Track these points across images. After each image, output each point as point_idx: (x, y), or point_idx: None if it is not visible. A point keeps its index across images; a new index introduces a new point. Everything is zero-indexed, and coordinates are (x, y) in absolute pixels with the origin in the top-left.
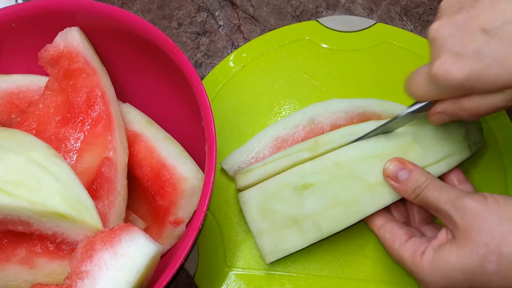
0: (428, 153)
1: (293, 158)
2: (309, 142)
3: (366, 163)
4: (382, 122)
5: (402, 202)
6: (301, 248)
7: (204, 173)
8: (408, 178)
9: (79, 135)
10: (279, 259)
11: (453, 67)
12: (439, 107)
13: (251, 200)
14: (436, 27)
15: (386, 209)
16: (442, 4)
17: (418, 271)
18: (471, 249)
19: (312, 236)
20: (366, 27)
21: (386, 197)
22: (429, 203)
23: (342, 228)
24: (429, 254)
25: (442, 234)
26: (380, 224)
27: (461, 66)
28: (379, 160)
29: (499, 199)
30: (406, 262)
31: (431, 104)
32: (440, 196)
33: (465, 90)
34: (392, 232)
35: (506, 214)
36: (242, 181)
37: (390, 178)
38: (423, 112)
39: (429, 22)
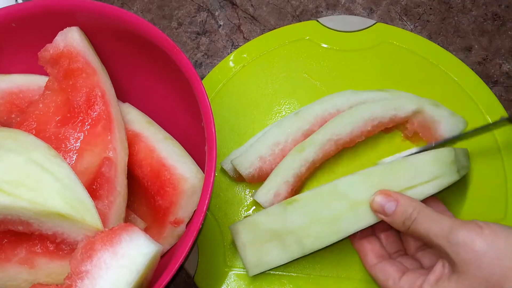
0: (417, 173)
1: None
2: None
3: (351, 180)
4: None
5: (393, 231)
6: (284, 263)
7: (204, 173)
8: (395, 211)
9: (79, 135)
10: (262, 272)
11: None
12: None
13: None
14: None
15: (377, 239)
16: None
17: None
18: (471, 283)
19: (294, 252)
20: (366, 27)
21: (369, 216)
22: (421, 236)
23: (324, 246)
24: None
25: (439, 268)
26: (372, 263)
27: None
28: (364, 178)
29: (495, 230)
30: None
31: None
32: (431, 229)
33: None
34: (384, 271)
35: (506, 248)
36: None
37: (377, 212)
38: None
39: (429, 22)
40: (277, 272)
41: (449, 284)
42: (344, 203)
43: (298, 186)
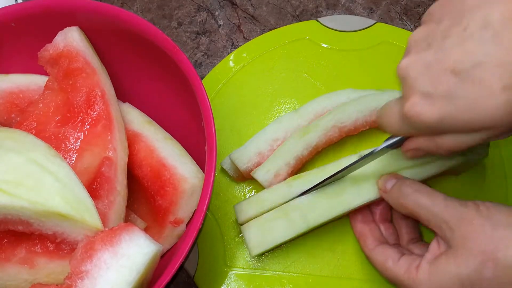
0: None
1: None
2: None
3: (352, 159)
4: (355, 158)
5: (392, 224)
6: (288, 238)
7: (204, 173)
8: (394, 185)
9: (79, 134)
10: (264, 251)
11: (424, 109)
12: (413, 143)
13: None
14: (405, 65)
15: (378, 230)
16: (410, 39)
17: (415, 286)
18: (468, 257)
19: (299, 227)
20: (366, 27)
21: (371, 192)
22: (421, 209)
23: (328, 219)
24: (424, 268)
25: (434, 246)
26: (372, 246)
27: (432, 108)
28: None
29: (489, 206)
30: (402, 279)
31: (407, 137)
32: (434, 204)
33: (438, 131)
34: (384, 252)
35: (498, 221)
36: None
37: (380, 189)
38: (399, 147)
39: None
40: (277, 272)
41: (447, 259)
42: (347, 179)
43: (298, 169)
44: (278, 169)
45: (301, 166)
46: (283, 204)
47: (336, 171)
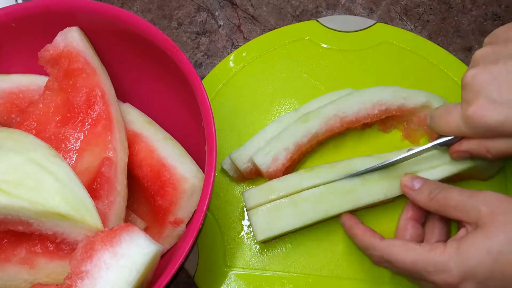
0: (424, 159)
1: None
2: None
3: (364, 160)
4: (402, 155)
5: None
6: (295, 227)
7: (204, 173)
8: (421, 186)
9: (79, 135)
10: (270, 238)
11: (489, 112)
12: (464, 146)
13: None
14: (473, 74)
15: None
16: (477, 53)
17: (442, 262)
18: (497, 228)
19: (307, 217)
20: (366, 27)
21: (379, 192)
22: (450, 200)
23: (337, 213)
24: (452, 245)
25: (461, 231)
26: (382, 239)
27: (497, 112)
28: (377, 161)
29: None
30: (428, 255)
31: (456, 139)
32: (462, 194)
33: (496, 133)
34: (404, 241)
35: None
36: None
37: (406, 186)
38: (443, 146)
39: (429, 22)
40: (277, 272)
41: (475, 235)
42: (358, 178)
43: (298, 157)
44: (276, 153)
45: (301, 156)
46: (292, 194)
47: (385, 162)
